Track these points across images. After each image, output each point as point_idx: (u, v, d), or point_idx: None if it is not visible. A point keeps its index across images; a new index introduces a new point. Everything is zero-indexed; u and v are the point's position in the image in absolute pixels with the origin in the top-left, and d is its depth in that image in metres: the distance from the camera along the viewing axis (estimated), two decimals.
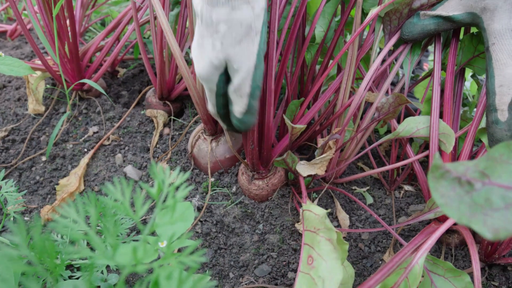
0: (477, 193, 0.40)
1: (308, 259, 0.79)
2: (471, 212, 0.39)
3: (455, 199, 0.40)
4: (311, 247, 0.80)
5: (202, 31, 0.79)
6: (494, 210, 0.38)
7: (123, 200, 0.39)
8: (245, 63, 0.82)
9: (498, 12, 0.88)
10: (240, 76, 0.83)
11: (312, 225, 0.85)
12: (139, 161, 1.31)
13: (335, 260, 0.74)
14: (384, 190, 1.29)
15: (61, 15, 1.29)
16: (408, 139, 1.15)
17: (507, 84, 0.87)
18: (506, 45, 0.87)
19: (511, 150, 0.41)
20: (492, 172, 0.41)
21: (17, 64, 1.18)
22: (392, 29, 1.09)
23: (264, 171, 1.12)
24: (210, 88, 0.88)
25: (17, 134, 1.41)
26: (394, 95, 1.02)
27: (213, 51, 0.80)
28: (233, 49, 0.80)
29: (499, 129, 0.88)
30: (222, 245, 1.08)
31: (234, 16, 0.75)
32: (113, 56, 1.49)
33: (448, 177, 0.42)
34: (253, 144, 1.01)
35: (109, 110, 1.49)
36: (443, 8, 0.98)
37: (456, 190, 0.41)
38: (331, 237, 0.78)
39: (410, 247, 0.83)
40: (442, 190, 0.41)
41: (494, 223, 0.37)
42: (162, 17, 1.01)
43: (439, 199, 0.41)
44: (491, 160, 0.42)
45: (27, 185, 1.26)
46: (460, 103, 1.13)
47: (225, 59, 0.81)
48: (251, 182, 1.13)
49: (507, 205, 0.38)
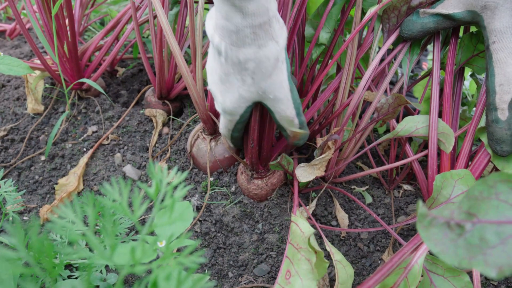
0: (469, 233, 0.40)
1: (286, 273, 0.81)
2: (469, 254, 0.39)
3: (450, 245, 0.40)
4: (291, 263, 0.81)
5: (227, 69, 0.80)
6: (492, 248, 0.38)
7: (121, 200, 0.39)
8: (280, 91, 0.84)
9: (499, 10, 0.88)
10: (281, 104, 0.86)
11: (295, 241, 0.85)
12: (138, 160, 1.31)
13: (311, 281, 0.76)
14: (383, 190, 1.28)
15: (60, 15, 1.29)
16: (407, 138, 1.15)
17: (508, 83, 0.86)
18: (506, 44, 0.87)
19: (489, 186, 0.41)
20: (477, 210, 0.41)
21: (16, 64, 1.18)
22: (391, 27, 1.09)
23: (263, 171, 1.12)
24: (232, 119, 0.91)
25: (16, 134, 1.41)
26: (394, 95, 1.01)
27: (244, 85, 0.81)
28: (265, 83, 0.81)
29: (499, 128, 0.88)
30: (221, 245, 1.08)
31: (261, 53, 0.76)
32: (112, 55, 1.49)
33: (437, 224, 0.42)
34: (253, 143, 1.01)
35: (108, 109, 1.49)
36: (443, 6, 0.98)
37: (448, 235, 0.41)
38: (311, 258, 0.79)
39: (409, 246, 0.83)
40: (434, 238, 0.41)
41: (495, 261, 0.37)
42: (162, 16, 1.01)
43: (434, 248, 0.41)
44: (473, 199, 0.42)
45: (26, 185, 1.26)
46: (460, 102, 1.13)
47: (257, 92, 0.83)
48: (250, 182, 1.13)
49: (502, 240, 0.38)
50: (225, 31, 0.74)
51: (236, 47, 0.75)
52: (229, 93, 0.85)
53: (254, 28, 0.72)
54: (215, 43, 0.77)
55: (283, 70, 0.82)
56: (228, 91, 0.85)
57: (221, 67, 0.81)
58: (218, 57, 0.80)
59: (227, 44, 0.75)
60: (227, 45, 0.75)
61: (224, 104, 0.87)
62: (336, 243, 1.11)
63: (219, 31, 0.75)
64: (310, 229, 0.83)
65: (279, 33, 0.77)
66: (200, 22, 1.06)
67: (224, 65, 0.79)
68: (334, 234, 1.13)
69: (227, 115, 0.91)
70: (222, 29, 0.74)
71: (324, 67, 1.21)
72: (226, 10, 0.70)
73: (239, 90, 0.83)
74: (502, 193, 0.41)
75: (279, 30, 0.77)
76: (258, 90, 0.82)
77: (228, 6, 0.70)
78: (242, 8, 0.69)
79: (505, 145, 0.89)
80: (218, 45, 0.76)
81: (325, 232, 1.12)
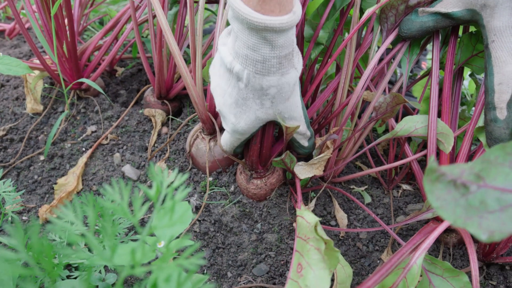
0: (472, 195, 0.40)
1: (297, 266, 0.80)
2: (466, 214, 0.39)
3: (451, 202, 0.40)
4: (301, 255, 0.81)
5: (246, 94, 0.83)
6: (489, 213, 0.38)
7: (121, 201, 0.39)
8: (295, 111, 0.90)
9: (498, 9, 0.87)
10: (294, 122, 0.93)
11: (303, 233, 0.85)
12: (137, 160, 1.31)
13: (323, 270, 0.75)
14: (382, 189, 1.29)
15: (59, 14, 1.29)
16: (406, 138, 1.15)
17: (506, 82, 0.86)
18: (506, 43, 0.87)
19: (506, 153, 0.41)
20: (487, 174, 0.41)
21: (15, 64, 1.18)
22: (389, 27, 1.08)
23: (262, 171, 1.12)
24: (241, 137, 0.96)
25: (15, 133, 1.40)
26: (392, 94, 1.01)
27: (262, 108, 0.86)
28: (283, 105, 0.87)
29: (498, 127, 0.88)
30: (220, 245, 1.08)
31: (283, 80, 0.80)
32: (111, 55, 1.49)
33: (444, 180, 0.42)
34: (256, 141, 1.01)
35: (107, 109, 1.49)
36: (442, 5, 0.97)
37: (451, 193, 0.41)
38: (320, 247, 0.78)
39: (408, 247, 0.83)
40: (437, 193, 0.41)
41: (489, 226, 0.37)
42: (161, 16, 1.01)
43: (435, 202, 0.41)
44: (486, 163, 0.41)
45: (25, 185, 1.26)
46: (459, 102, 1.13)
47: (274, 114, 0.88)
48: (249, 182, 1.13)
49: (502, 207, 0.38)
50: (249, 61, 0.77)
51: (260, 75, 0.78)
52: (245, 115, 0.88)
53: (280, 58, 0.76)
54: (235, 70, 0.80)
55: (298, 92, 0.89)
56: (243, 113, 0.88)
57: (238, 92, 0.84)
58: (236, 82, 0.83)
59: (250, 72, 0.78)
60: (250, 73, 0.78)
61: (238, 125, 0.91)
62: (335, 243, 1.11)
63: (241, 60, 0.78)
64: (316, 218, 0.84)
65: (297, 61, 0.82)
66: (200, 22, 1.06)
67: (243, 90, 0.83)
68: (333, 234, 1.13)
69: (238, 134, 0.94)
70: (245, 58, 0.77)
71: (323, 67, 1.22)
72: (254, 43, 0.74)
73: (256, 113, 0.87)
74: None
75: (297, 58, 0.82)
76: (275, 111, 0.87)
77: (257, 39, 0.73)
78: (272, 41, 0.73)
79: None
80: (239, 72, 0.80)
81: (324, 232, 1.12)
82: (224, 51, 0.82)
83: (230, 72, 0.83)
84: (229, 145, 1.02)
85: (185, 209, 0.54)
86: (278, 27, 0.70)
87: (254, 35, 0.73)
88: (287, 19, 0.71)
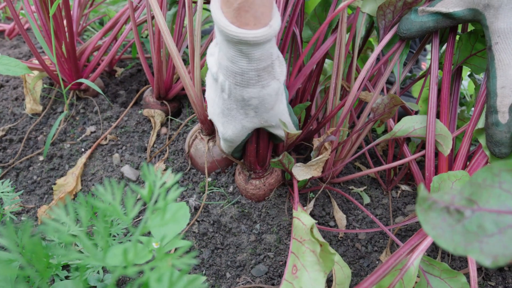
0: (468, 220, 0.40)
1: (293, 268, 0.81)
2: (465, 241, 0.38)
3: (448, 230, 0.40)
4: (297, 257, 0.81)
5: (229, 105, 0.84)
6: (489, 236, 0.38)
7: (114, 202, 0.39)
8: (282, 119, 0.91)
9: (503, 9, 0.85)
10: (281, 129, 0.94)
11: (299, 235, 0.85)
12: (137, 161, 1.31)
13: (318, 272, 0.76)
14: (381, 190, 1.28)
15: (58, 15, 1.29)
16: (405, 138, 1.14)
17: (510, 86, 0.85)
18: (510, 45, 0.85)
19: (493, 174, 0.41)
20: (478, 197, 0.41)
21: (14, 64, 1.18)
22: (387, 24, 1.07)
23: (260, 171, 1.12)
24: (232, 145, 0.98)
25: (14, 134, 1.41)
26: (389, 96, 1.01)
27: (247, 118, 0.87)
28: (268, 114, 0.87)
29: (499, 131, 0.87)
30: (219, 245, 1.08)
31: (264, 92, 0.80)
32: (110, 55, 1.49)
33: (436, 208, 0.42)
34: (251, 141, 1.01)
35: (106, 109, 1.49)
36: (443, 4, 0.95)
37: (446, 220, 0.41)
38: (315, 249, 0.79)
39: (405, 248, 0.83)
40: (432, 222, 0.41)
41: (491, 250, 0.37)
42: (159, 17, 1.01)
43: (431, 231, 0.40)
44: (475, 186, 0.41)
45: (24, 185, 1.26)
46: (457, 102, 1.12)
47: (260, 122, 0.89)
48: (248, 182, 1.13)
49: (500, 229, 0.38)
50: (230, 72, 0.77)
51: (240, 87, 0.78)
52: (231, 125, 0.89)
53: (258, 71, 0.76)
54: (219, 81, 0.81)
55: (283, 100, 0.89)
56: (230, 123, 0.89)
57: (223, 102, 0.85)
58: (221, 93, 0.83)
59: (231, 83, 0.78)
60: (231, 84, 0.78)
61: (226, 134, 0.92)
62: (334, 244, 1.11)
63: (223, 71, 0.78)
64: (312, 220, 0.84)
65: (280, 71, 0.81)
66: (198, 23, 1.06)
67: (227, 100, 0.83)
68: (332, 234, 1.13)
69: (229, 142, 0.96)
70: (226, 69, 0.77)
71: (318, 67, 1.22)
72: (232, 55, 0.74)
73: (242, 122, 0.88)
74: (505, 182, 0.41)
75: (280, 68, 0.81)
76: (261, 120, 0.88)
77: (235, 52, 0.73)
78: (248, 54, 0.72)
79: (503, 147, 0.88)
80: (222, 83, 0.80)
81: (323, 233, 1.12)
82: (211, 61, 0.83)
83: (216, 82, 0.83)
84: (226, 149, 1.03)
85: (180, 208, 0.54)
86: (252, 41, 0.69)
87: (231, 48, 0.72)
88: (262, 32, 0.70)
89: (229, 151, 1.03)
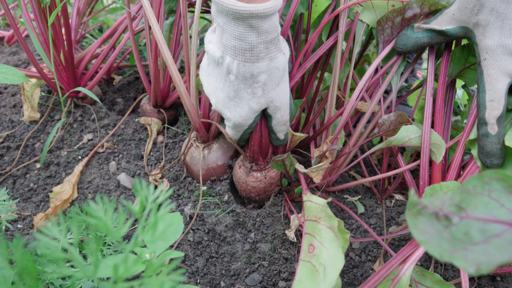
0: (455, 227, 0.40)
1: (309, 247, 0.80)
2: (451, 247, 0.39)
3: (435, 235, 0.40)
4: (312, 236, 0.80)
5: (237, 85, 0.88)
6: (474, 244, 0.38)
7: (105, 218, 0.40)
8: (284, 99, 0.95)
9: (490, 28, 0.90)
10: (281, 111, 0.96)
11: (313, 215, 0.86)
12: (133, 169, 1.32)
13: (337, 248, 0.74)
14: (376, 199, 1.29)
15: (57, 23, 1.30)
16: (400, 148, 1.15)
17: (497, 99, 0.89)
18: (497, 61, 0.89)
19: (484, 182, 0.41)
20: (467, 205, 0.41)
21: (12, 72, 1.19)
22: (386, 38, 1.10)
23: (262, 163, 1.13)
24: (240, 130, 1.01)
25: (12, 141, 1.41)
26: (396, 113, 1.03)
27: (254, 98, 0.91)
28: (274, 92, 0.91)
29: (489, 142, 0.91)
30: (213, 254, 1.08)
31: (272, 65, 0.86)
32: (108, 63, 1.50)
33: (426, 213, 0.42)
34: (256, 130, 1.04)
35: (104, 117, 1.50)
36: (437, 22, 1.01)
37: (434, 225, 0.41)
38: (332, 224, 0.78)
39: (398, 258, 0.83)
40: (421, 227, 0.41)
41: (475, 258, 0.37)
42: (155, 28, 1.02)
43: (419, 236, 0.41)
44: (465, 193, 0.42)
45: (21, 192, 1.27)
46: (451, 113, 1.14)
47: (266, 102, 0.92)
48: (249, 174, 1.13)
49: (486, 238, 0.38)
50: (238, 50, 0.82)
51: (250, 63, 0.83)
52: (239, 108, 0.93)
53: (267, 44, 0.82)
54: (225, 63, 0.85)
55: (287, 79, 0.94)
56: (237, 106, 0.93)
57: (230, 85, 0.89)
58: (226, 76, 0.88)
59: (239, 61, 0.83)
60: (240, 62, 0.83)
61: (234, 119, 0.96)
62: None
63: (230, 51, 0.83)
64: (324, 200, 0.85)
65: (284, 46, 0.88)
66: (195, 31, 1.07)
67: (234, 82, 0.88)
68: None
69: (237, 127, 0.99)
70: (234, 49, 0.82)
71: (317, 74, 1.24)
72: (240, 32, 0.79)
73: (249, 103, 0.91)
74: (495, 191, 0.42)
75: (284, 44, 0.88)
76: (267, 100, 0.91)
77: (243, 28, 0.78)
78: (258, 27, 0.78)
79: (494, 158, 0.92)
80: (229, 64, 0.85)
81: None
82: (212, 48, 0.88)
83: (220, 66, 0.88)
84: (233, 136, 1.06)
85: (172, 219, 0.54)
86: (263, 13, 0.75)
87: (240, 24, 0.77)
88: (271, 4, 0.76)
89: (236, 138, 1.06)
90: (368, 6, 1.11)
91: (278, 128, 1.03)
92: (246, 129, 1.00)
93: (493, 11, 0.89)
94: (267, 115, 0.98)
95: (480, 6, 0.90)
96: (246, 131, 1.02)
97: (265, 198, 1.18)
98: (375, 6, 1.10)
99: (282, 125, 1.02)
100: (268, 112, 0.97)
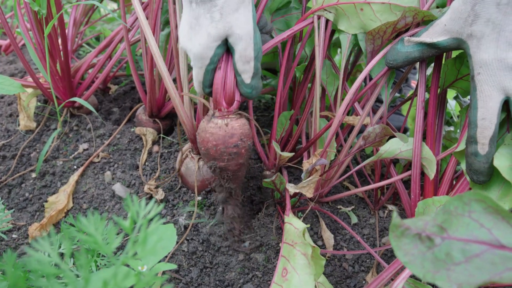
0: (438, 248, 0.41)
1: (283, 271, 0.82)
2: (434, 268, 0.40)
3: (418, 256, 0.41)
4: (287, 260, 0.82)
5: (197, 12, 0.88)
6: (456, 265, 0.39)
7: (95, 234, 0.41)
8: (245, 28, 0.91)
9: (485, 40, 0.84)
10: (243, 42, 0.91)
11: (290, 238, 0.86)
12: (128, 178, 1.32)
13: (308, 275, 0.77)
14: (369, 210, 1.30)
15: (53, 33, 1.31)
16: (392, 159, 1.16)
17: (490, 118, 0.84)
18: (491, 76, 0.84)
19: (464, 203, 0.42)
20: (449, 225, 0.42)
21: (8, 83, 1.20)
22: (376, 48, 1.08)
23: (226, 110, 0.98)
24: (202, 65, 0.95)
25: (7, 150, 1.42)
26: (381, 126, 1.03)
27: (212, 23, 0.88)
28: (233, 16, 0.88)
29: (478, 161, 0.87)
30: (207, 264, 1.09)
31: None
32: (104, 73, 1.51)
33: (409, 234, 0.43)
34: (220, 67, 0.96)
35: (99, 127, 1.51)
36: (428, 34, 0.95)
37: (418, 246, 0.42)
38: (306, 252, 0.79)
39: (389, 271, 0.84)
40: (404, 248, 0.42)
41: (457, 278, 0.38)
42: (151, 41, 1.04)
43: (403, 258, 0.42)
44: (447, 214, 0.43)
45: (16, 202, 1.27)
46: (442, 125, 1.14)
47: (224, 28, 0.89)
48: (210, 121, 0.99)
49: (467, 258, 0.39)
50: None
51: None
52: (198, 35, 0.91)
53: None
54: None
55: (249, 9, 0.91)
56: (197, 34, 0.91)
57: (191, 13, 0.90)
58: (189, 5, 0.89)
59: None
60: None
61: (194, 48, 0.92)
62: None
63: None
64: (304, 225, 0.85)
65: None
66: None
67: (195, 9, 0.88)
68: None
69: (198, 61, 0.94)
70: None
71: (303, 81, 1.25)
72: None
73: (207, 29, 0.89)
74: (475, 212, 0.42)
75: None
76: (226, 25, 0.89)
77: None
78: None
79: (482, 176, 0.88)
80: None
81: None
82: None
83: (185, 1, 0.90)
84: (198, 83, 0.98)
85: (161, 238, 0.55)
86: None
87: None
88: None
89: (200, 79, 0.96)
90: (340, 13, 1.10)
91: (242, 67, 0.93)
92: (208, 64, 0.93)
93: (489, 22, 0.83)
94: (230, 48, 0.93)
95: (475, 16, 0.84)
96: (208, 68, 0.93)
97: (224, 155, 0.97)
98: (346, 11, 1.09)
99: (246, 62, 0.93)
100: (230, 44, 0.92)
